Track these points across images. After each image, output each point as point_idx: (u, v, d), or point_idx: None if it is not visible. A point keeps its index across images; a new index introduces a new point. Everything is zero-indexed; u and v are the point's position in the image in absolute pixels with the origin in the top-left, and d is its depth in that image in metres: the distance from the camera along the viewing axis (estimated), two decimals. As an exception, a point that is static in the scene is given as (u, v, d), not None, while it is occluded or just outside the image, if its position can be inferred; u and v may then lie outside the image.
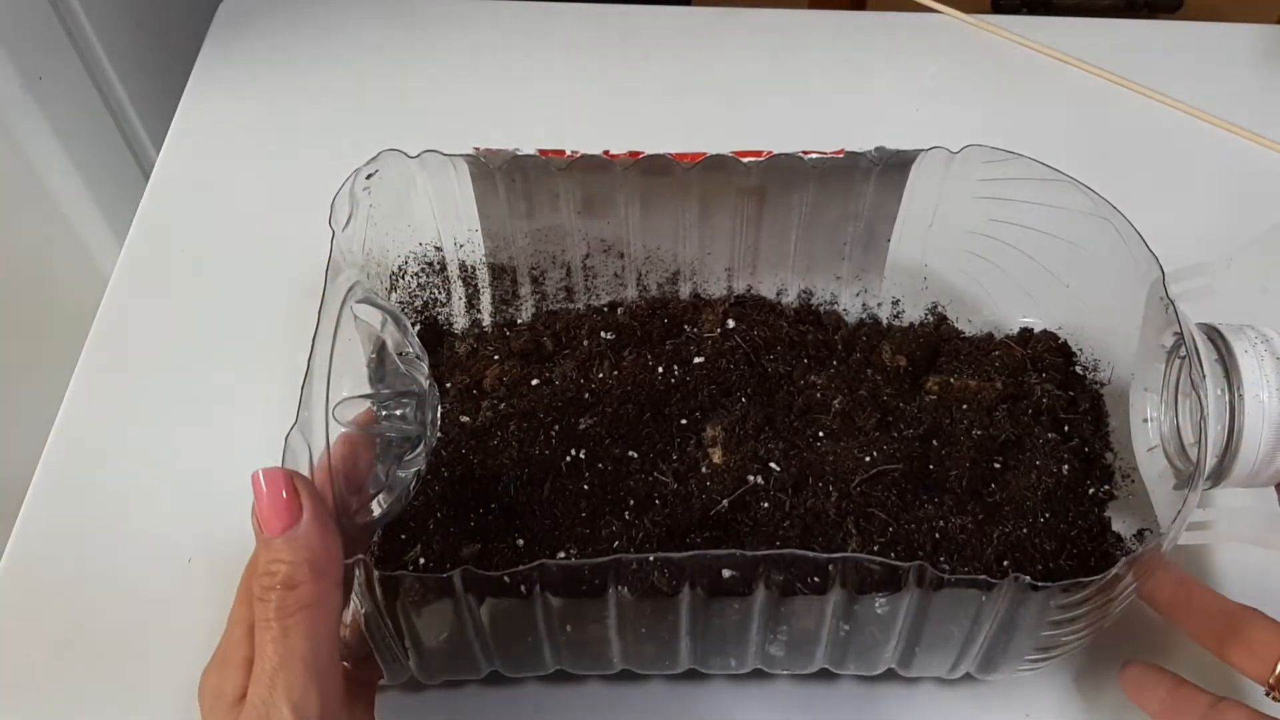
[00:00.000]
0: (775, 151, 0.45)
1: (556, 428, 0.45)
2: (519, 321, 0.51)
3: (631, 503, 0.43)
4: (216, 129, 0.64)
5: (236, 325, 0.54)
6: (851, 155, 0.45)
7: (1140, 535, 0.42)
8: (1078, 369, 0.47)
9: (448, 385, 0.48)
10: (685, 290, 0.51)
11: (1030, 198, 0.45)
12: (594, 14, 0.71)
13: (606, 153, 0.45)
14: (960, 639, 0.38)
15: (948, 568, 0.41)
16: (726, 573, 0.37)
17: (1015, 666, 0.40)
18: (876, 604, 0.37)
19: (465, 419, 0.46)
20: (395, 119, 0.65)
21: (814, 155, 0.45)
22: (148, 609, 0.44)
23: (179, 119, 0.65)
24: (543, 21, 0.71)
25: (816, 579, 0.37)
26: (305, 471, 0.38)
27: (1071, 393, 0.46)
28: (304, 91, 0.67)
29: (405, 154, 0.45)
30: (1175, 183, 0.61)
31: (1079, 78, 0.67)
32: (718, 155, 0.45)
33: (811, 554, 0.35)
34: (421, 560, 0.42)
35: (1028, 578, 0.34)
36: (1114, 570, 0.34)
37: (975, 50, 0.69)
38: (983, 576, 0.35)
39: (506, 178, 0.46)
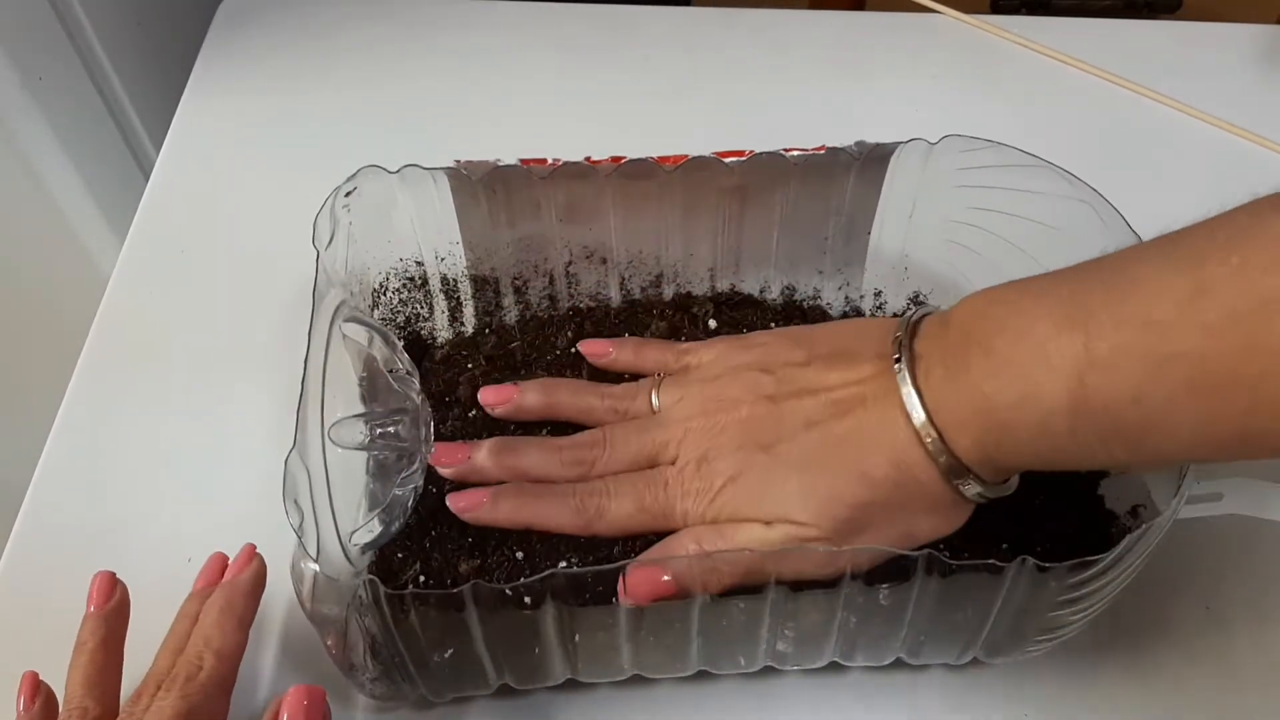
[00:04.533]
0: (757, 151, 0.45)
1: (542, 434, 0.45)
2: (487, 330, 0.51)
3: None
4: (216, 129, 0.64)
5: (236, 324, 0.54)
6: (833, 151, 0.45)
7: (1135, 511, 0.43)
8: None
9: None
10: (669, 292, 0.51)
11: (1009, 184, 0.45)
12: (594, 14, 0.72)
13: (589, 159, 0.45)
14: (969, 625, 0.38)
15: (948, 554, 0.41)
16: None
17: (1023, 649, 0.40)
18: (880, 595, 0.37)
19: (445, 429, 0.46)
20: (395, 118, 0.65)
21: (796, 152, 0.45)
22: (147, 609, 0.44)
23: (179, 119, 0.64)
24: (542, 22, 0.71)
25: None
26: (305, 496, 0.38)
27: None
28: (304, 91, 0.66)
29: (385, 169, 0.44)
30: (1175, 183, 0.62)
31: (1078, 78, 0.67)
32: (699, 157, 0.45)
33: (820, 548, 0.36)
34: (422, 578, 0.42)
35: (1034, 560, 0.35)
36: (1120, 547, 0.35)
37: (975, 50, 0.69)
38: (991, 561, 0.35)
39: (487, 189, 0.46)
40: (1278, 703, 0.43)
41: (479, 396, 0.45)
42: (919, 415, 0.36)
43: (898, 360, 0.37)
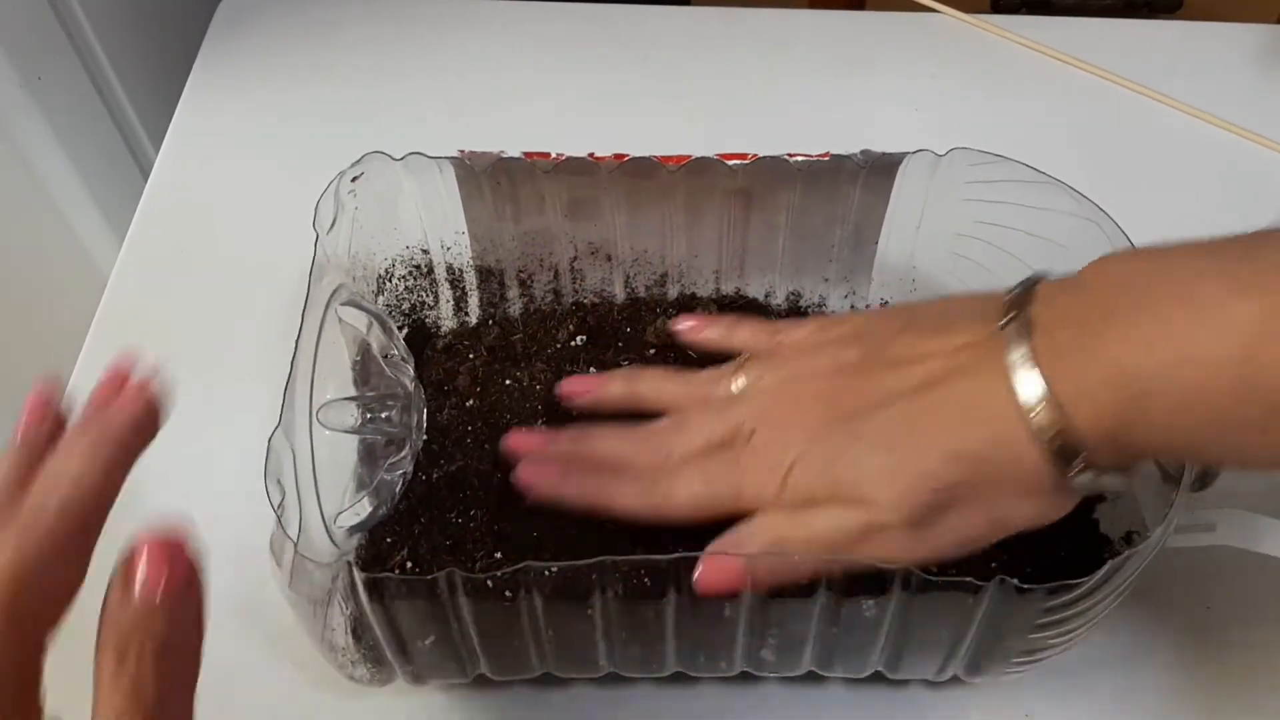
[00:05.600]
0: (761, 154, 0.45)
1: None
2: (490, 322, 0.51)
3: None
4: (215, 129, 0.65)
5: (236, 324, 0.54)
6: (837, 158, 0.45)
7: (1129, 538, 0.42)
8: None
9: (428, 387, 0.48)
10: (673, 292, 0.51)
11: (1017, 200, 0.45)
12: (593, 13, 0.71)
13: (592, 155, 0.45)
14: (947, 642, 0.38)
15: (935, 570, 0.41)
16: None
17: (1002, 669, 0.40)
18: (864, 607, 0.37)
19: (442, 418, 0.46)
20: (395, 118, 0.65)
21: (799, 158, 0.45)
22: None
23: (178, 119, 0.65)
24: (542, 21, 0.71)
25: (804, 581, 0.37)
26: (288, 475, 0.38)
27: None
28: (303, 91, 0.67)
29: (390, 156, 0.44)
30: (1175, 183, 0.61)
31: (1079, 77, 0.67)
32: (702, 158, 0.45)
33: (798, 556, 0.35)
34: (409, 564, 0.42)
35: (1014, 580, 0.34)
36: (1100, 573, 0.34)
37: (975, 50, 0.69)
38: (968, 579, 0.35)
39: (492, 180, 0.46)
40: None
41: (560, 388, 0.44)
42: (1034, 386, 0.32)
43: (1006, 324, 0.34)
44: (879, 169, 0.45)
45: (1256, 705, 0.43)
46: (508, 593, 0.36)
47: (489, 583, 0.36)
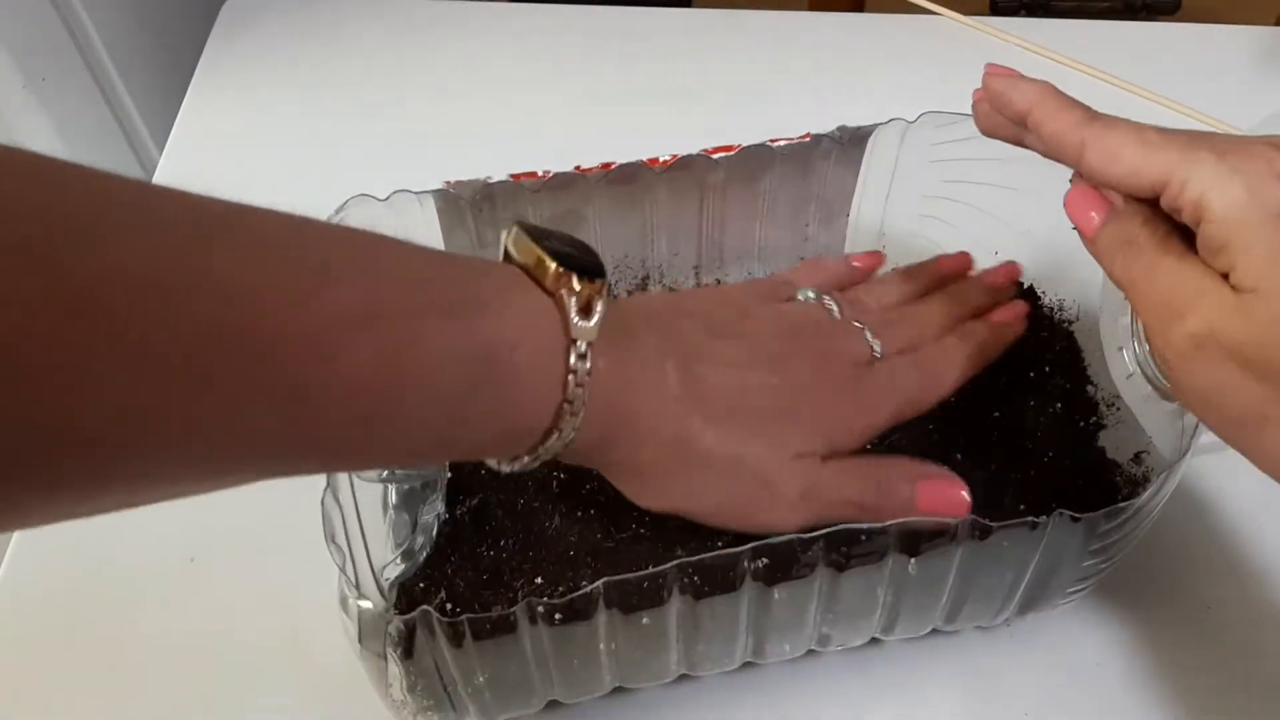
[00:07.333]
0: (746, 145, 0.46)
1: None
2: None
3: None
4: (219, 130, 0.64)
5: None
6: (816, 138, 0.46)
7: (1138, 458, 0.44)
8: (1045, 310, 0.49)
9: None
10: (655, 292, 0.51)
11: (981, 154, 0.46)
12: (594, 14, 0.71)
13: (578, 168, 0.45)
14: (1006, 584, 0.39)
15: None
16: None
17: (1054, 602, 0.41)
18: (922, 563, 0.38)
19: None
20: (397, 119, 0.64)
21: (781, 143, 0.46)
22: (148, 609, 0.43)
23: (181, 120, 0.64)
24: (543, 23, 0.71)
25: (870, 550, 0.37)
26: (340, 533, 0.37)
27: (1044, 333, 0.48)
28: (306, 92, 0.66)
29: (375, 198, 0.44)
30: None
31: (1078, 79, 0.67)
32: (686, 156, 0.45)
33: (864, 526, 0.36)
34: (449, 605, 0.42)
35: (1069, 512, 0.36)
36: (1150, 490, 0.36)
37: (974, 52, 0.69)
38: (1029, 518, 0.36)
39: (474, 208, 0.46)
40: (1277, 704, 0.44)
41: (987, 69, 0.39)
42: None
43: None
44: (852, 143, 0.47)
45: (1256, 707, 0.43)
46: (578, 610, 0.36)
47: (571, 604, 0.36)
